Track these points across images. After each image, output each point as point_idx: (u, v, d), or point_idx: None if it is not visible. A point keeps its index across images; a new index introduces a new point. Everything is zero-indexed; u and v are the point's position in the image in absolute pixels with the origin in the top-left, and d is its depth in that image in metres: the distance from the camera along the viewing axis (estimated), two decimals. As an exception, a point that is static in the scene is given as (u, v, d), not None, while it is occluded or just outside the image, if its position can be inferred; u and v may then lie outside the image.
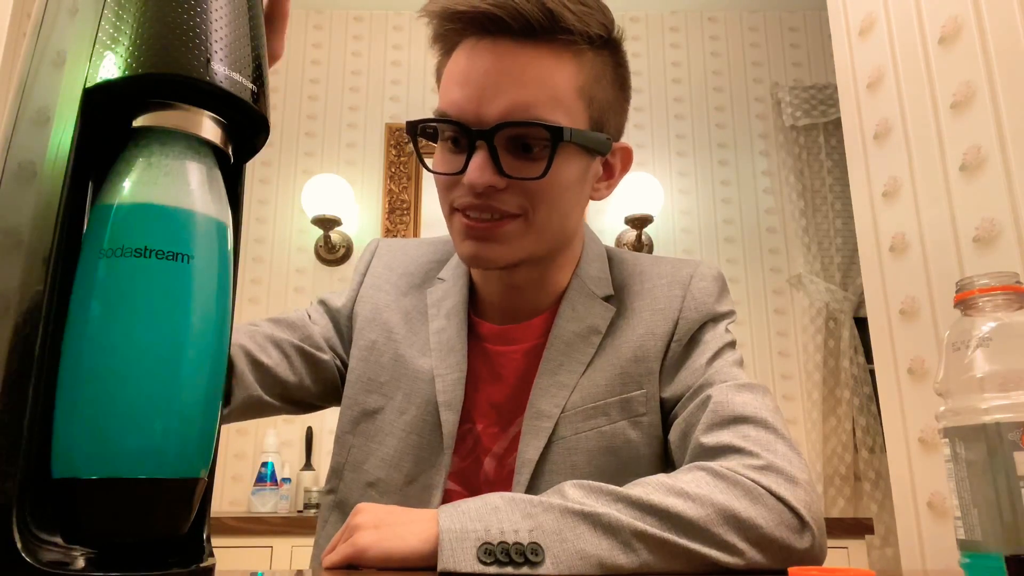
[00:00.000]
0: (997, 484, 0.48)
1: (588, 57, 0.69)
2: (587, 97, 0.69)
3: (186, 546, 0.41)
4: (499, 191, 0.67)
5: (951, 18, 1.03)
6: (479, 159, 0.66)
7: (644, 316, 0.76)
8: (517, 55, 0.66)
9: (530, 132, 0.66)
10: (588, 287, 0.78)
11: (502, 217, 0.68)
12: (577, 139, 0.67)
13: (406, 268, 0.85)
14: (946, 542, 1.02)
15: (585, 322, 0.76)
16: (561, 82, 0.67)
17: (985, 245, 0.95)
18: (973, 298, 0.53)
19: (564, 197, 0.70)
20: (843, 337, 2.64)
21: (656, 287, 0.78)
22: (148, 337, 0.37)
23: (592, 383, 0.74)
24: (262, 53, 0.44)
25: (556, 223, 0.71)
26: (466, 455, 0.76)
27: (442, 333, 0.78)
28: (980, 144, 0.97)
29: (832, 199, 2.78)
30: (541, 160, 0.66)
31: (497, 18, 0.66)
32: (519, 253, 0.70)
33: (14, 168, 0.38)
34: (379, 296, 0.84)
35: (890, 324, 1.19)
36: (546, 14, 0.66)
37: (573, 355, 0.75)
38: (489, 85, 0.66)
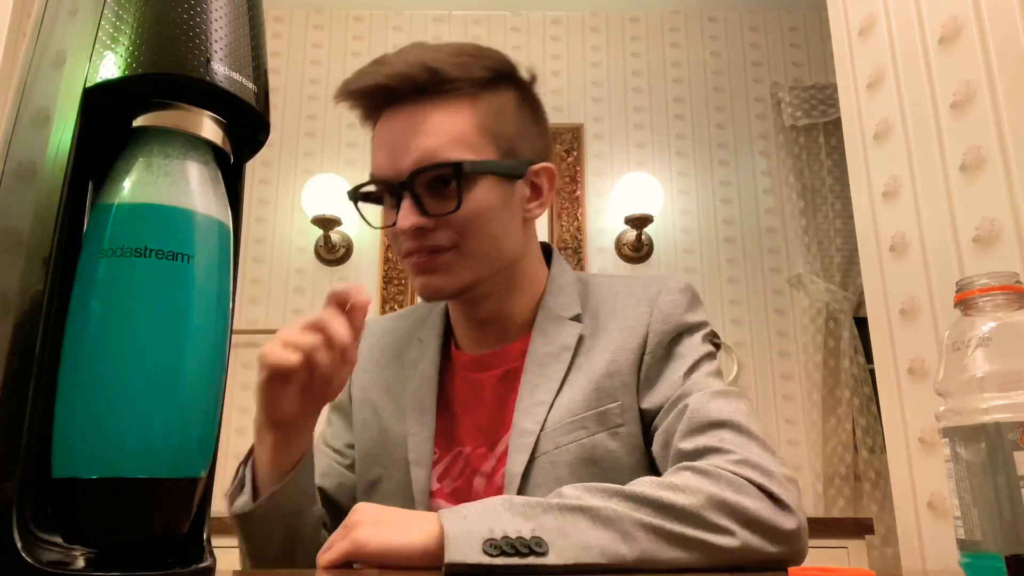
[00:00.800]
0: (997, 484, 0.48)
1: (483, 98, 0.78)
2: (490, 132, 0.78)
3: (186, 546, 0.41)
4: (430, 230, 0.76)
5: (951, 18, 1.03)
6: (405, 206, 0.75)
7: (615, 335, 0.81)
8: (416, 113, 0.76)
9: (439, 173, 0.75)
10: (555, 312, 0.84)
11: (439, 251, 0.77)
12: (481, 169, 0.76)
13: (385, 344, 0.93)
14: (946, 542, 1.02)
15: (556, 342, 0.82)
16: (459, 125, 0.76)
17: (985, 245, 0.95)
18: (973, 298, 0.53)
19: (490, 222, 0.77)
20: (843, 337, 2.64)
21: (627, 306, 0.83)
22: (148, 337, 0.37)
23: (570, 399, 0.78)
24: (262, 53, 0.44)
25: (489, 247, 0.78)
26: (458, 476, 0.82)
27: (416, 393, 0.85)
28: (980, 144, 0.97)
29: (832, 199, 2.78)
30: (453, 196, 0.75)
31: (389, 87, 0.76)
32: (462, 279, 0.78)
33: (14, 168, 0.38)
34: (364, 377, 0.91)
35: (890, 324, 1.19)
36: (430, 73, 0.75)
37: (547, 373, 0.80)
38: (398, 144, 0.76)
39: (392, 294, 2.72)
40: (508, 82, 0.81)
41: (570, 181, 2.82)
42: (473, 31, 3.03)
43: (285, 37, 3.00)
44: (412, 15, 3.04)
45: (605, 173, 2.86)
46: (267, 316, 2.71)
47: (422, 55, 0.76)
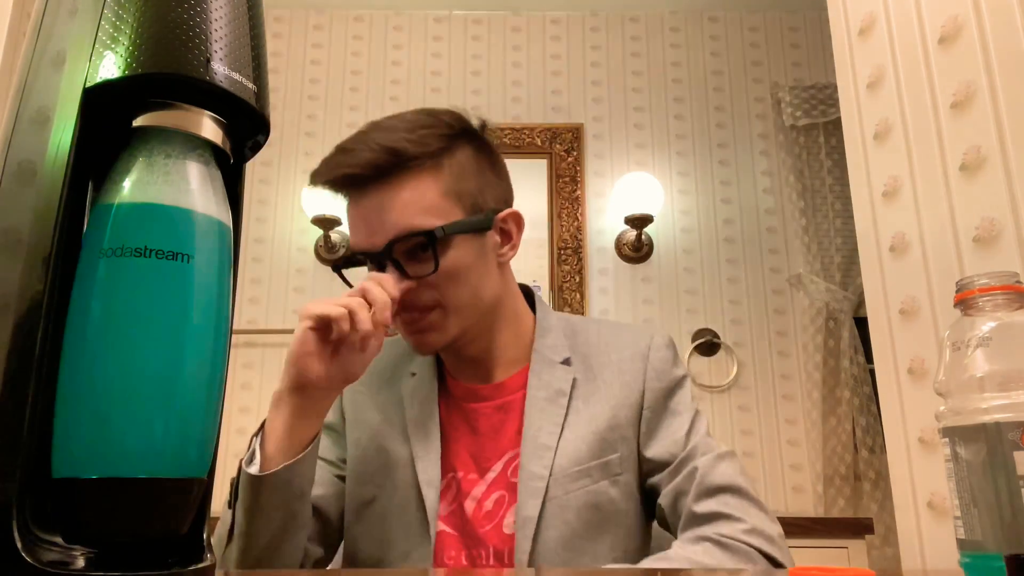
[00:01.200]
0: (997, 484, 0.48)
1: (444, 164, 0.84)
2: (454, 193, 0.84)
3: (186, 546, 0.41)
4: (413, 292, 0.82)
5: (951, 18, 1.03)
6: (388, 273, 0.81)
7: (615, 389, 0.89)
8: (383, 191, 0.82)
9: (413, 242, 0.81)
10: (547, 356, 0.91)
11: (423, 310, 0.83)
12: (451, 230, 0.82)
13: (375, 368, 0.96)
14: (946, 542, 1.02)
15: (552, 387, 0.89)
16: (425, 195, 0.82)
17: (985, 245, 0.95)
18: (973, 298, 0.53)
19: (468, 277, 0.84)
20: (843, 337, 2.64)
21: (622, 359, 0.91)
22: (148, 337, 0.37)
23: (574, 447, 0.85)
24: (262, 53, 0.44)
25: (469, 298, 0.85)
26: (451, 500, 0.87)
27: (417, 422, 0.90)
28: (980, 144, 0.97)
29: (832, 199, 2.78)
30: (429, 260, 0.81)
31: (354, 175, 0.82)
32: (449, 333, 0.85)
33: (14, 168, 0.38)
34: (357, 400, 0.96)
35: (890, 324, 1.19)
36: (391, 154, 0.81)
37: (547, 417, 0.87)
38: (372, 221, 0.82)
39: (392, 294, 2.72)
40: (463, 139, 0.87)
41: (570, 181, 2.82)
42: (473, 31, 3.03)
43: (285, 37, 3.00)
44: (412, 15, 3.04)
45: (605, 173, 2.86)
46: (267, 316, 2.71)
47: (382, 138, 0.82)
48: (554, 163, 2.84)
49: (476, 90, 2.96)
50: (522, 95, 2.96)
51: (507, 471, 0.87)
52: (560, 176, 2.82)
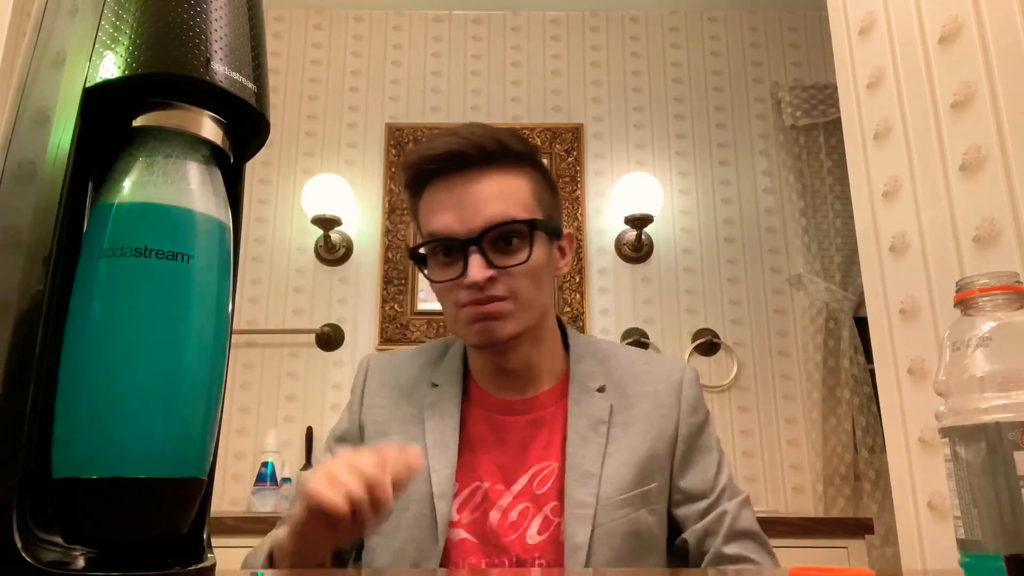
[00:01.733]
0: (997, 484, 0.48)
1: (530, 171, 0.91)
2: (538, 198, 0.90)
3: (186, 546, 0.41)
4: (493, 282, 0.85)
5: (951, 18, 1.03)
6: (475, 261, 0.84)
7: (653, 420, 0.92)
8: (482, 177, 0.86)
9: (511, 229, 0.85)
10: (583, 383, 0.94)
11: (498, 300, 0.85)
12: (543, 227, 0.88)
13: (396, 382, 0.99)
14: (946, 542, 1.02)
15: (592, 415, 0.91)
16: (521, 189, 0.88)
17: (985, 245, 0.95)
18: (973, 298, 0.53)
19: (540, 276, 0.89)
20: (843, 337, 2.64)
21: (657, 391, 0.95)
22: (148, 337, 0.37)
23: (619, 476, 0.88)
24: (262, 53, 0.44)
25: (537, 298, 0.89)
26: (475, 508, 0.89)
27: (436, 432, 0.91)
28: (980, 144, 0.97)
29: (832, 199, 2.78)
30: (522, 250, 0.86)
31: (462, 153, 0.86)
32: (516, 326, 0.87)
33: (14, 168, 0.38)
34: (377, 413, 0.97)
35: (890, 324, 1.19)
36: (499, 144, 0.87)
37: (589, 446, 0.89)
38: (467, 204, 0.85)
39: (392, 294, 2.72)
40: (538, 163, 0.94)
41: (570, 181, 2.82)
42: (473, 31, 3.03)
43: (285, 37, 3.00)
44: (412, 15, 3.04)
45: (605, 173, 2.86)
46: (267, 316, 2.71)
47: (489, 129, 0.88)
48: (554, 163, 2.84)
49: (476, 90, 2.96)
50: (522, 95, 2.96)
51: (532, 484, 0.89)
52: (560, 176, 2.82)
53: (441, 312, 3.06)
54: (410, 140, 2.87)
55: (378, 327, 2.68)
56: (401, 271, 2.74)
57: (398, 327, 2.69)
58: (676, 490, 0.92)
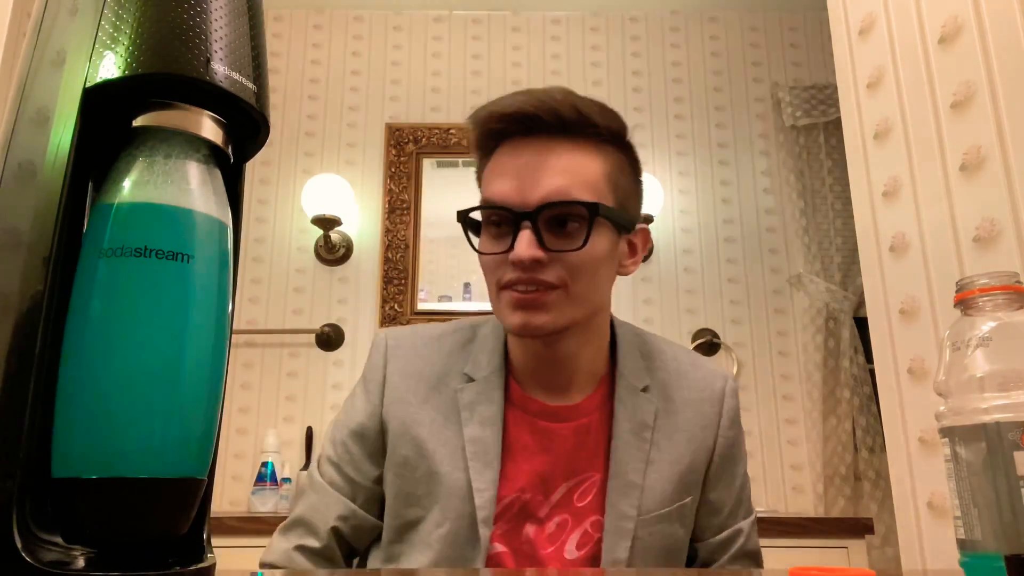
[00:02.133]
0: (997, 484, 0.48)
1: (610, 151, 0.81)
2: (612, 183, 0.80)
3: (186, 546, 0.41)
4: (542, 265, 0.75)
5: (951, 18, 1.03)
6: (525, 237, 0.75)
7: (695, 431, 0.88)
8: (552, 148, 0.77)
9: (569, 210, 0.76)
10: (630, 382, 0.87)
11: (545, 288, 0.76)
12: (608, 214, 0.77)
13: (420, 372, 0.88)
14: (946, 542, 1.02)
15: (636, 418, 0.85)
16: (591, 169, 0.78)
17: (985, 245, 0.95)
18: (973, 298, 0.53)
19: (598, 269, 0.79)
20: (843, 337, 2.64)
21: (701, 400, 0.90)
22: (148, 337, 0.37)
23: (660, 488, 0.84)
24: (262, 53, 0.44)
25: (591, 293, 0.79)
26: (511, 519, 0.82)
27: (477, 443, 0.82)
28: (980, 144, 0.97)
29: (832, 199, 2.78)
30: (578, 235, 0.76)
31: (535, 116, 0.77)
32: (562, 320, 0.78)
33: (14, 168, 0.38)
34: (403, 410, 0.86)
35: (890, 324, 1.19)
36: (576, 113, 0.77)
37: (633, 453, 0.84)
38: (530, 174, 0.76)
39: (392, 294, 2.72)
40: (624, 144, 0.84)
41: (570, 181, 2.82)
42: (473, 31, 3.03)
43: (285, 37, 3.00)
44: (412, 15, 3.04)
45: (605, 173, 2.86)
46: (267, 316, 2.71)
47: (570, 96, 0.79)
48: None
49: (476, 90, 2.96)
50: (522, 95, 2.96)
51: (573, 495, 0.83)
52: (560, 176, 2.82)
53: (441, 312, 3.04)
54: (410, 140, 2.87)
55: (378, 327, 2.68)
56: (401, 271, 2.74)
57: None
58: (704, 501, 0.88)
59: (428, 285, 2.74)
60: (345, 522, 0.85)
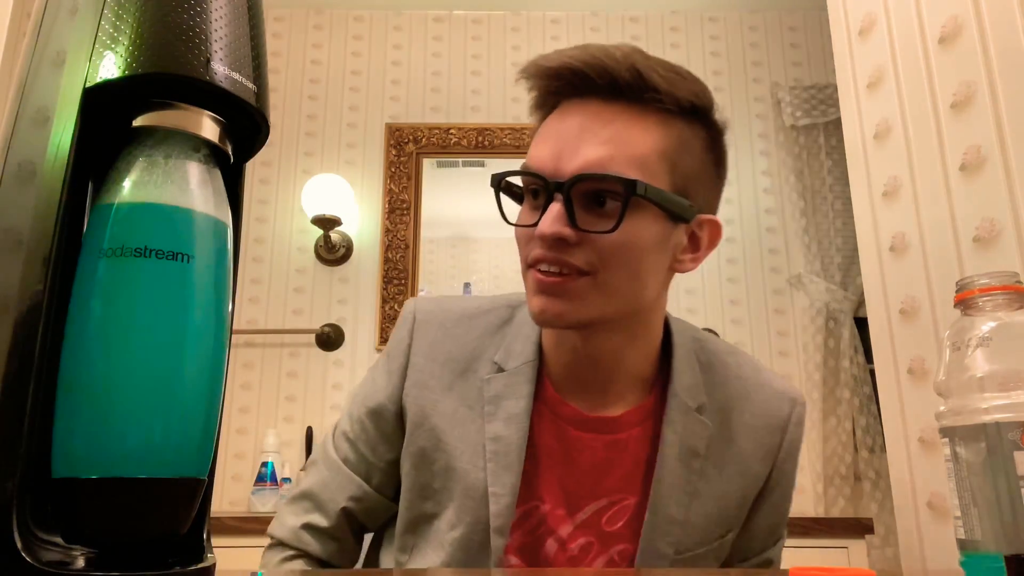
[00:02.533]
0: (997, 484, 0.48)
1: (677, 124, 0.69)
2: (670, 162, 0.68)
3: (186, 546, 0.41)
4: (571, 246, 0.66)
5: (951, 18, 1.03)
6: (553, 210, 0.66)
7: (750, 463, 0.79)
8: (601, 113, 0.67)
9: (605, 186, 0.66)
10: (683, 400, 0.77)
11: (572, 273, 0.67)
12: (652, 196, 0.66)
13: (449, 354, 0.80)
14: (946, 542, 1.02)
15: (686, 443, 0.75)
16: (643, 142, 0.67)
17: (985, 245, 0.95)
18: (973, 298, 0.53)
19: (638, 259, 0.68)
20: (843, 337, 2.64)
21: (760, 428, 0.80)
22: (148, 337, 0.37)
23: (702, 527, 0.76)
24: (262, 53, 0.44)
25: (627, 286, 0.69)
26: (528, 532, 0.75)
27: (499, 443, 0.74)
28: (980, 144, 0.97)
29: (832, 199, 2.78)
30: (615, 216, 0.65)
31: (584, 75, 0.68)
32: (588, 312, 0.68)
33: (14, 168, 0.38)
34: (423, 396, 0.79)
35: (890, 324, 1.19)
36: (633, 73, 0.66)
37: (678, 484, 0.75)
38: (570, 140, 0.67)
39: (392, 294, 2.72)
40: (703, 119, 0.72)
41: (570, 181, 2.82)
42: (473, 31, 3.03)
43: (285, 37, 3.00)
44: (412, 15, 3.04)
45: (605, 173, 2.86)
46: (267, 316, 2.71)
47: (631, 55, 0.68)
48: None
49: (476, 90, 2.96)
50: (522, 95, 2.96)
51: (602, 518, 0.75)
52: (560, 176, 2.82)
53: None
54: (410, 140, 2.86)
55: (378, 327, 2.68)
56: (401, 271, 2.74)
57: (398, 327, 2.69)
58: (744, 526, 0.81)
59: (428, 285, 2.74)
60: (358, 503, 0.81)
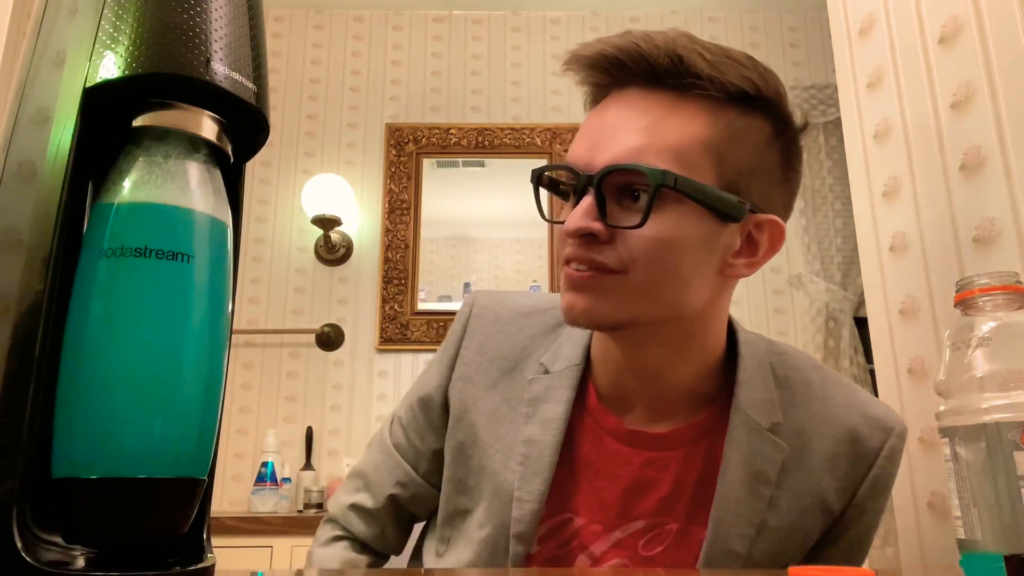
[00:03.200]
0: (997, 484, 0.48)
1: (728, 113, 0.63)
2: (717, 154, 0.62)
3: (186, 546, 0.41)
4: (602, 243, 0.62)
5: (951, 18, 1.03)
6: (584, 204, 0.62)
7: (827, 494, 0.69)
8: (639, 102, 0.63)
9: (634, 179, 0.61)
10: (751, 418, 0.69)
11: (602, 270, 0.63)
12: (685, 189, 0.60)
13: (498, 350, 0.77)
14: (946, 542, 1.02)
15: (754, 466, 0.68)
16: (682, 131, 0.62)
17: (985, 245, 0.95)
18: (973, 298, 0.53)
19: (676, 259, 0.62)
20: (843, 337, 2.64)
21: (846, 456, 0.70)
22: (148, 337, 0.37)
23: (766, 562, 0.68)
24: (262, 53, 0.44)
25: (665, 288, 0.63)
26: (560, 546, 0.71)
27: (531, 446, 0.71)
28: (980, 144, 0.97)
29: (832, 199, 2.78)
30: (642, 210, 0.60)
31: (620, 63, 0.64)
32: (620, 312, 0.64)
33: (14, 168, 0.38)
34: (468, 391, 0.77)
35: (890, 324, 1.19)
36: (673, 59, 0.61)
37: (742, 514, 0.67)
38: (605, 131, 0.63)
39: (392, 294, 2.72)
40: (766, 111, 0.65)
41: (570, 181, 2.82)
42: (473, 31, 3.03)
43: (285, 37, 3.00)
44: (412, 15, 3.04)
45: (605, 173, 2.86)
46: (267, 316, 2.71)
47: (675, 40, 0.62)
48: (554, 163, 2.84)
49: (476, 90, 2.96)
50: (522, 95, 2.96)
51: (639, 542, 0.70)
52: (560, 176, 2.82)
53: (441, 312, 3.02)
54: (410, 140, 2.87)
55: (378, 327, 2.68)
56: (401, 271, 2.74)
57: (398, 327, 2.69)
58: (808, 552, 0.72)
59: (428, 285, 2.74)
60: (404, 488, 0.81)
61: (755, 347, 0.74)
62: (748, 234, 0.66)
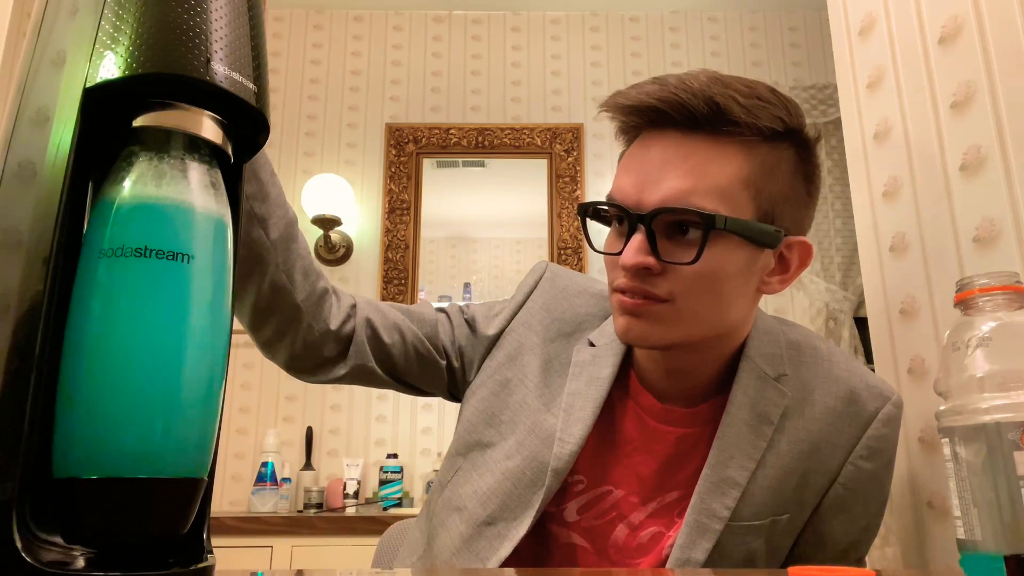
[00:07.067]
0: (997, 484, 0.48)
1: (760, 150, 0.69)
2: (753, 188, 0.69)
3: (186, 546, 0.41)
4: (653, 275, 0.69)
5: (951, 18, 1.03)
6: (636, 241, 0.68)
7: (821, 447, 0.76)
8: (681, 145, 0.69)
9: (685, 218, 0.67)
10: (759, 366, 0.77)
11: (654, 299, 0.69)
12: (734, 228, 0.67)
13: (561, 314, 0.85)
14: (946, 542, 1.02)
15: (757, 408, 0.75)
16: (723, 172, 0.68)
17: (985, 245, 0.95)
18: (973, 298, 0.53)
19: (721, 287, 0.69)
20: (843, 337, 2.63)
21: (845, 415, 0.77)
22: (148, 337, 0.37)
23: (760, 498, 0.74)
24: (262, 53, 0.44)
25: (710, 312, 0.71)
26: (600, 515, 0.77)
27: (575, 397, 0.78)
28: (980, 144, 0.97)
29: (832, 199, 2.78)
30: (696, 244, 0.67)
31: (661, 111, 0.69)
32: (671, 336, 0.71)
33: (14, 168, 0.38)
34: (527, 336, 0.84)
35: (890, 324, 1.19)
36: (712, 107, 0.67)
37: (743, 448, 0.74)
38: (651, 172, 0.69)
39: (392, 294, 2.71)
40: (792, 140, 0.72)
41: (570, 181, 2.82)
42: (473, 31, 3.03)
43: (285, 37, 3.00)
44: (412, 15, 3.04)
45: (605, 173, 2.86)
46: (267, 316, 2.71)
47: (709, 87, 0.68)
48: (554, 163, 2.84)
49: (476, 90, 2.96)
50: (522, 95, 2.96)
51: (673, 511, 0.76)
52: (560, 176, 2.82)
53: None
54: (410, 140, 2.87)
55: (378, 327, 2.68)
56: (401, 271, 2.74)
57: (398, 327, 2.69)
58: (811, 529, 0.78)
59: (428, 285, 2.74)
60: (386, 324, 0.85)
61: (768, 321, 0.83)
62: (780, 254, 0.74)
